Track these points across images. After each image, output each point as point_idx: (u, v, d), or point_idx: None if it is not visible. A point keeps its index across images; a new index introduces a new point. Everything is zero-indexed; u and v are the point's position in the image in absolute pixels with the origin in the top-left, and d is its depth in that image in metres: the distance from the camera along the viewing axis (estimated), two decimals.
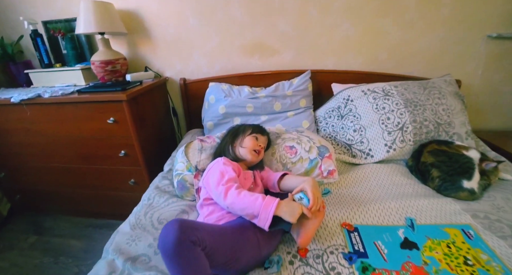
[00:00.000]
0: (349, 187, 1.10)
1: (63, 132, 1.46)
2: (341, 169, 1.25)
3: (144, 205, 1.05)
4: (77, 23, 1.44)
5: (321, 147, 1.11)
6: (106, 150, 1.47)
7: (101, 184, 1.61)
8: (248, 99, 1.47)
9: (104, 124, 1.37)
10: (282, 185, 0.94)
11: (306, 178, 0.84)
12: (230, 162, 0.93)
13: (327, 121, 1.45)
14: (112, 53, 1.54)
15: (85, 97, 1.33)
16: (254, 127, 1.11)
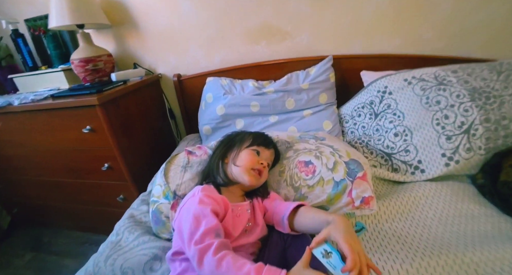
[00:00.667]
0: (393, 219, 0.76)
1: (43, 143, 1.28)
2: (378, 190, 0.91)
3: (110, 243, 0.80)
4: (50, 16, 1.22)
5: (352, 163, 0.78)
6: (89, 163, 1.26)
7: (90, 199, 1.42)
8: (253, 96, 1.16)
9: (80, 134, 1.16)
10: (297, 223, 0.63)
11: (333, 216, 0.54)
12: (211, 195, 0.63)
13: (355, 120, 1.10)
14: (93, 49, 1.31)
15: (57, 104, 1.12)
16: (256, 136, 0.81)
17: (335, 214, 0.55)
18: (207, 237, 0.53)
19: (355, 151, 0.86)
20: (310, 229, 0.60)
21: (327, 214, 0.57)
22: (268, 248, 0.65)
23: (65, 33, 1.49)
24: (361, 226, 0.73)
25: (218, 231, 0.56)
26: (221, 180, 0.73)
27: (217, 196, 0.63)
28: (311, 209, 0.63)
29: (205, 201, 0.61)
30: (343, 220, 0.51)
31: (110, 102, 1.12)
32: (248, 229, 0.67)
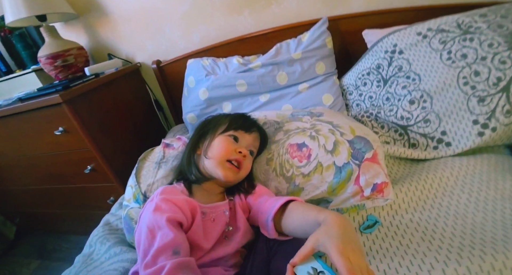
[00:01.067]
0: (414, 209, 0.60)
1: (20, 151, 1.19)
2: (393, 172, 0.75)
3: (82, 257, 0.70)
4: (4, 10, 1.08)
5: (357, 141, 0.62)
6: (70, 167, 1.16)
7: (82, 203, 1.34)
8: (238, 74, 1.00)
9: (54, 137, 1.05)
10: (284, 225, 0.48)
11: (324, 214, 0.39)
12: (170, 198, 0.49)
13: (360, 91, 0.92)
14: (60, 43, 1.18)
15: (23, 106, 1.01)
16: (234, 118, 0.65)
17: (328, 211, 0.40)
18: (161, 256, 0.40)
19: (361, 126, 0.69)
20: (300, 233, 0.45)
21: (319, 211, 0.41)
22: (252, 257, 0.51)
23: (33, 31, 1.36)
24: (374, 220, 0.58)
25: (177, 248, 0.42)
26: (193, 176, 0.59)
27: (178, 199, 0.49)
28: (300, 205, 0.47)
29: (162, 207, 0.47)
30: (338, 219, 0.36)
31: (79, 98, 1.00)
32: (228, 236, 0.53)
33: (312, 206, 0.46)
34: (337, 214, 0.38)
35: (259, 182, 0.66)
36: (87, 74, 1.19)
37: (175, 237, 0.43)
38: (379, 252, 0.52)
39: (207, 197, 0.57)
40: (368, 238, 0.56)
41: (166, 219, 0.44)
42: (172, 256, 0.41)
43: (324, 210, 0.41)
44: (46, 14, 1.14)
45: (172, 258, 0.40)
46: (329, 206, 0.63)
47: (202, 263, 0.47)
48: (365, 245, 0.55)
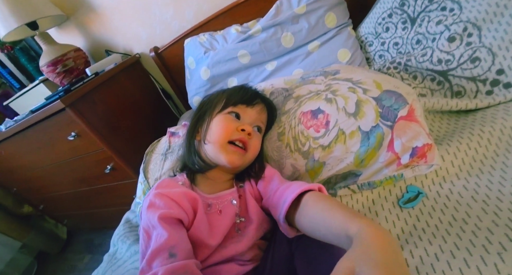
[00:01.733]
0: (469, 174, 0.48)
1: (44, 161, 1.22)
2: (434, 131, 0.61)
3: (107, 256, 0.70)
4: None
5: (386, 97, 0.49)
6: (91, 169, 1.17)
7: (112, 202, 1.37)
8: (238, 44, 0.89)
9: (69, 143, 1.05)
10: (299, 224, 0.39)
11: (357, 227, 0.28)
12: (165, 192, 0.43)
13: (383, 38, 0.77)
14: (56, 48, 1.16)
15: (34, 118, 1.01)
16: (231, 92, 0.56)
17: (362, 220, 0.28)
18: (155, 261, 0.35)
19: (389, 78, 0.56)
20: (320, 237, 0.35)
21: (348, 217, 0.30)
22: (273, 250, 0.44)
23: (32, 42, 1.36)
24: (416, 191, 0.47)
25: (173, 249, 0.36)
26: (196, 166, 0.52)
27: (175, 192, 0.42)
28: (319, 201, 0.36)
29: (156, 204, 0.41)
30: (378, 236, 0.26)
31: (81, 101, 0.97)
32: (241, 228, 0.46)
33: (335, 204, 0.34)
34: (375, 226, 0.27)
35: (272, 162, 0.57)
36: (89, 75, 1.16)
37: (170, 237, 0.37)
38: (426, 231, 0.42)
39: (213, 186, 0.50)
40: (410, 214, 0.46)
41: (158, 217, 0.38)
42: (168, 260, 0.35)
43: (354, 217, 0.29)
44: (36, 21, 1.11)
45: (167, 262, 0.35)
46: (358, 180, 0.52)
47: (212, 262, 0.41)
48: (407, 223, 0.45)
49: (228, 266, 0.42)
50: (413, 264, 0.39)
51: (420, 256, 0.39)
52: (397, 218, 0.47)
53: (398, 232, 0.45)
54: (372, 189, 0.53)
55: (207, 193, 0.47)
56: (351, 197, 0.54)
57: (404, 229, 0.45)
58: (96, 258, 1.66)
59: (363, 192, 0.54)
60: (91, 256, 1.70)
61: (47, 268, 1.78)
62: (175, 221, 0.40)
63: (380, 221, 0.48)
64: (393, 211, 0.48)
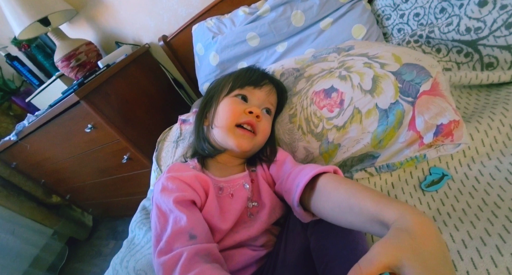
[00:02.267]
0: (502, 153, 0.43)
1: (66, 153, 1.27)
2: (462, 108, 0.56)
3: (126, 242, 0.71)
4: (11, 26, 1.10)
5: (406, 71, 0.45)
6: (109, 160, 1.21)
7: (132, 191, 1.42)
8: (247, 26, 0.85)
9: (86, 135, 1.08)
10: (315, 209, 0.37)
11: (394, 213, 0.24)
12: (177, 176, 0.42)
13: (401, 10, 0.71)
14: (69, 43, 1.18)
15: (52, 112, 1.04)
16: (238, 75, 0.53)
17: (402, 205, 0.25)
18: (176, 243, 0.35)
19: (409, 51, 0.51)
20: (345, 224, 0.32)
21: (381, 203, 0.26)
22: (286, 236, 0.42)
23: (47, 39, 1.38)
24: (441, 173, 0.43)
25: (193, 231, 0.36)
26: (206, 151, 0.51)
27: (187, 176, 0.42)
28: (339, 185, 0.33)
29: (169, 187, 0.40)
30: (427, 226, 0.22)
31: (94, 93, 0.98)
32: (253, 213, 0.45)
33: (361, 187, 0.31)
34: (420, 214, 0.23)
35: (284, 145, 0.55)
36: (101, 67, 1.17)
37: (189, 219, 0.37)
38: (452, 216, 0.38)
39: (224, 170, 0.49)
40: (433, 198, 0.43)
41: (173, 201, 0.38)
42: (189, 242, 0.35)
43: (390, 201, 0.26)
44: (47, 17, 1.12)
45: (188, 244, 0.34)
46: (376, 162, 0.49)
47: (225, 247, 0.41)
48: (430, 207, 0.42)
49: (240, 251, 0.41)
50: None
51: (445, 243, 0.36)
52: (418, 202, 0.44)
53: None
54: (391, 171, 0.50)
55: (218, 176, 0.46)
56: (368, 181, 0.51)
57: (426, 214, 0.42)
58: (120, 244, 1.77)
59: (382, 174, 0.50)
60: (115, 242, 1.79)
61: (77, 253, 1.90)
62: (190, 203, 0.40)
63: None
64: (415, 195, 0.45)
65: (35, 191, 1.76)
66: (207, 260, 0.34)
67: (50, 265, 1.71)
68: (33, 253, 1.60)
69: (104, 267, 1.63)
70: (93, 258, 1.78)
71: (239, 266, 0.41)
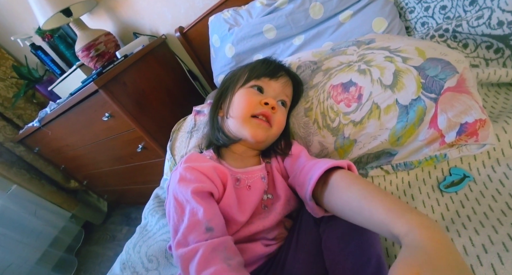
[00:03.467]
0: None
1: (84, 141, 1.32)
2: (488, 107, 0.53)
3: (139, 228, 0.74)
4: (35, 14, 1.14)
5: (430, 66, 0.43)
6: (124, 149, 1.24)
7: (145, 179, 1.46)
8: (263, 18, 0.84)
9: (104, 123, 1.11)
10: (329, 204, 0.37)
11: (407, 222, 0.25)
12: (195, 166, 0.42)
13: (426, 2, 0.67)
14: (89, 34, 1.21)
15: (73, 100, 1.07)
16: (254, 66, 0.53)
17: (413, 218, 0.25)
18: (192, 235, 0.35)
19: (434, 45, 0.48)
20: (355, 223, 0.32)
21: (392, 212, 0.27)
22: (298, 230, 0.42)
23: (68, 30, 1.42)
24: (462, 174, 0.42)
25: (209, 223, 0.36)
26: (220, 141, 0.51)
27: (205, 166, 0.42)
28: (352, 184, 0.33)
29: (187, 177, 0.41)
30: (441, 241, 0.23)
31: (113, 82, 1.00)
32: (268, 205, 0.45)
33: (374, 190, 0.31)
34: (431, 227, 0.24)
35: (298, 138, 0.54)
36: (118, 58, 1.19)
37: (206, 211, 0.37)
38: (472, 219, 0.37)
39: (240, 161, 0.49)
40: (452, 199, 0.41)
41: (191, 192, 0.38)
42: (206, 234, 0.35)
43: (402, 212, 0.26)
44: (69, 7, 1.15)
45: (205, 236, 0.35)
46: (393, 160, 0.48)
47: (239, 239, 0.41)
48: (449, 209, 0.40)
49: (254, 245, 0.41)
50: None
51: (464, 246, 0.35)
52: (436, 203, 0.42)
53: (438, 218, 0.41)
54: (408, 170, 0.48)
55: (235, 167, 0.47)
56: (383, 179, 0.50)
57: (444, 216, 0.41)
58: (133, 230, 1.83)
59: (398, 173, 0.49)
60: (128, 228, 1.85)
61: (93, 236, 1.98)
62: (207, 194, 0.40)
63: (416, 206, 0.44)
64: (432, 196, 0.44)
65: (55, 175, 1.85)
66: (224, 255, 0.34)
67: (67, 247, 1.79)
68: (53, 234, 1.68)
69: (118, 251, 1.69)
70: (107, 242, 1.86)
71: (250, 261, 0.41)
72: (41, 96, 1.70)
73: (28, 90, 1.61)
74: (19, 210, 1.56)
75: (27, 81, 1.57)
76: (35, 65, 1.61)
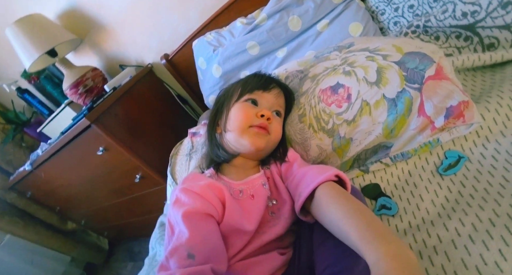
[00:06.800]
0: None
1: (80, 178, 1.30)
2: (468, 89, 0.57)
3: (148, 259, 0.72)
4: (20, 58, 1.15)
5: (409, 59, 0.46)
6: (122, 180, 1.22)
7: (146, 209, 1.42)
8: (246, 36, 0.88)
9: (98, 158, 1.10)
10: (316, 215, 0.39)
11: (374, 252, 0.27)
12: (190, 188, 0.42)
13: (395, 4, 0.73)
14: (76, 71, 1.23)
15: (65, 138, 1.07)
16: (246, 80, 0.55)
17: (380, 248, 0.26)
18: (173, 259, 0.35)
19: (409, 40, 0.52)
20: (340, 239, 0.34)
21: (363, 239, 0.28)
22: (301, 235, 0.43)
23: (54, 70, 1.44)
24: (456, 155, 0.43)
25: (192, 249, 0.35)
26: (221, 158, 0.52)
27: (199, 186, 0.42)
28: (331, 203, 0.35)
29: (181, 200, 0.41)
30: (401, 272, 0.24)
31: (104, 115, 1.01)
32: (274, 211, 0.45)
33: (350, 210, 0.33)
34: (400, 256, 0.25)
35: (296, 145, 0.55)
36: (107, 91, 1.20)
37: (191, 236, 0.36)
38: (475, 197, 0.38)
39: (241, 173, 0.50)
40: (453, 181, 0.43)
41: (182, 215, 0.38)
42: (186, 260, 0.34)
43: (371, 240, 0.27)
44: (54, 48, 1.17)
45: (185, 263, 0.34)
46: (390, 152, 0.49)
47: (253, 251, 0.41)
48: (451, 191, 0.42)
49: (269, 256, 0.41)
50: (465, 232, 0.36)
51: (472, 224, 0.36)
52: (438, 187, 0.44)
53: (442, 201, 0.42)
54: (406, 159, 0.50)
55: (236, 180, 0.47)
56: (385, 171, 0.51)
57: (448, 198, 0.42)
58: (138, 265, 1.75)
59: (397, 164, 0.51)
60: (134, 264, 1.78)
61: None
62: (201, 216, 0.39)
63: (420, 193, 0.45)
64: (433, 180, 0.45)
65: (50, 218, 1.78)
66: None
67: None
68: None
69: None
70: None
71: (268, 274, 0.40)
72: (30, 139, 1.68)
73: (17, 134, 1.59)
74: (14, 261, 1.47)
75: (14, 125, 1.55)
76: (22, 108, 1.60)
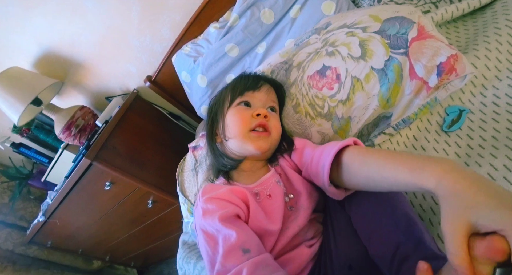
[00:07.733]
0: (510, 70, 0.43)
1: (95, 216, 1.30)
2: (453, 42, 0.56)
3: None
4: (7, 114, 1.15)
5: (389, 26, 0.46)
6: (136, 210, 1.23)
7: (165, 232, 1.44)
8: (222, 40, 0.88)
9: (107, 193, 1.10)
10: (349, 183, 0.38)
11: (430, 175, 0.26)
12: (213, 196, 0.42)
13: None
14: (64, 113, 1.23)
15: (70, 182, 1.06)
16: (233, 84, 0.55)
17: (435, 169, 0.25)
18: (231, 261, 0.34)
19: (384, 7, 0.52)
20: (379, 190, 0.34)
21: (414, 170, 0.27)
22: (330, 220, 0.43)
23: (43, 117, 1.44)
24: (457, 110, 0.43)
25: (245, 245, 0.36)
26: (228, 166, 0.52)
27: (222, 192, 0.42)
28: (366, 157, 0.34)
29: (209, 209, 0.41)
30: (465, 180, 0.23)
31: (103, 150, 1.00)
32: (293, 205, 0.45)
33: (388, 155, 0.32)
34: (455, 168, 0.25)
35: (297, 136, 0.55)
36: (100, 126, 1.20)
37: (238, 234, 0.36)
38: (485, 147, 0.38)
39: (251, 176, 0.49)
40: (459, 136, 0.42)
41: (219, 220, 0.38)
42: (244, 256, 0.35)
43: (422, 167, 0.27)
44: (37, 96, 1.17)
45: (244, 258, 0.34)
46: (391, 121, 0.49)
47: (282, 250, 0.40)
48: (460, 146, 0.41)
49: (298, 251, 0.41)
50: None
51: (489, 173, 0.36)
52: (447, 145, 0.43)
53: (453, 158, 0.42)
54: (408, 125, 0.49)
55: (249, 183, 0.47)
56: (390, 142, 0.51)
57: (459, 153, 0.42)
58: None
59: (401, 131, 0.50)
60: None
61: None
62: (235, 218, 0.40)
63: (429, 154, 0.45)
64: (440, 140, 0.45)
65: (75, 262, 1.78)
66: (269, 270, 0.33)
67: None
68: None
69: None
70: None
71: (300, 269, 0.40)
72: (37, 190, 1.68)
73: (22, 189, 1.59)
74: None
75: (18, 181, 1.55)
76: (21, 162, 1.60)
